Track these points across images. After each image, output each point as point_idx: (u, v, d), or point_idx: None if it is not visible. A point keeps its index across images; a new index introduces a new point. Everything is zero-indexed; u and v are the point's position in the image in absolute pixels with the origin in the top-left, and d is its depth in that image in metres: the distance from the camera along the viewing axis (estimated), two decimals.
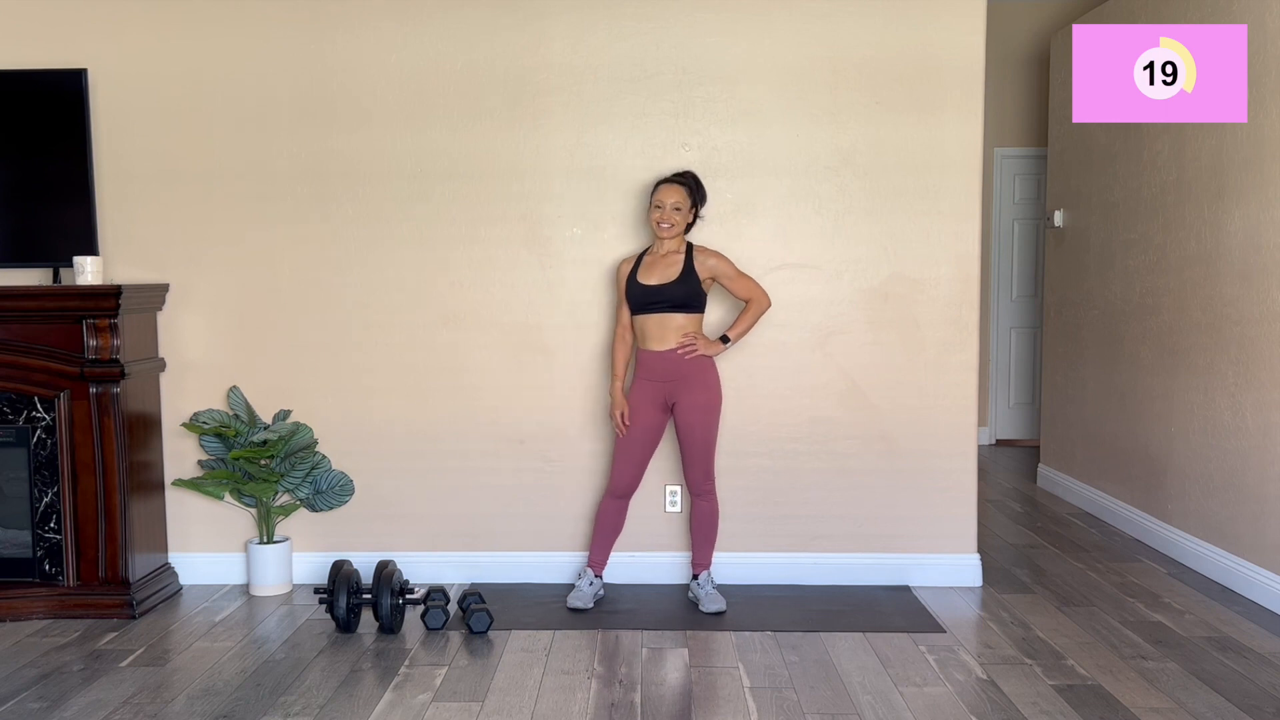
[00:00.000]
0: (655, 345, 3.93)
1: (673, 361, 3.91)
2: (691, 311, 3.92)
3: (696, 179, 3.98)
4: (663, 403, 3.95)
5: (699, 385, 3.93)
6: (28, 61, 4.17)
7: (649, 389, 3.95)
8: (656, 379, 3.93)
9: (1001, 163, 7.48)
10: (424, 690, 3.27)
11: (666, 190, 3.90)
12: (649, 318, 3.92)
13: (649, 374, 3.94)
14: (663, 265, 3.93)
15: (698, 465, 3.98)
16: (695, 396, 3.92)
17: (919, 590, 4.23)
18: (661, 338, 3.92)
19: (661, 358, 3.92)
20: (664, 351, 3.92)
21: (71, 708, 3.14)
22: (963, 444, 4.28)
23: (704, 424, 3.94)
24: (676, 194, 3.89)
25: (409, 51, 4.21)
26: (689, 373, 3.92)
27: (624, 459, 3.99)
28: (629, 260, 4.02)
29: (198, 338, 4.29)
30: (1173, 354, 4.74)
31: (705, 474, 3.99)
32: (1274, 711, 3.10)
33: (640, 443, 3.97)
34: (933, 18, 4.14)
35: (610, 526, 4.08)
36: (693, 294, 3.90)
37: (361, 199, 4.25)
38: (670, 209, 3.88)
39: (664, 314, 3.90)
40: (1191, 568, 4.54)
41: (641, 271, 3.94)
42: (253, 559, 4.20)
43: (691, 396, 3.92)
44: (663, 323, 3.91)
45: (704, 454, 3.97)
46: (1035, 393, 7.50)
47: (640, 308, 3.92)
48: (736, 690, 3.27)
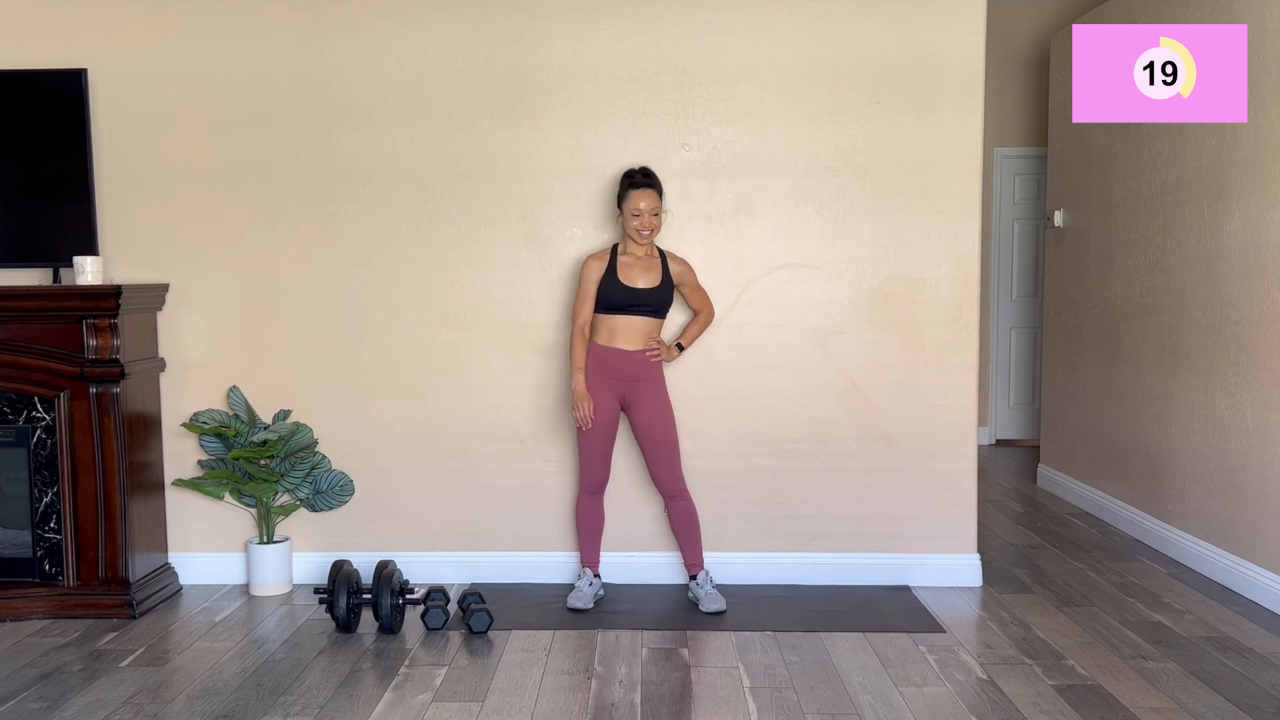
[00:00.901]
0: (624, 345, 3.95)
1: (638, 363, 3.95)
2: (662, 317, 4.00)
3: (656, 178, 3.97)
4: (618, 397, 3.99)
5: (653, 386, 3.99)
6: (28, 61, 4.17)
7: (607, 386, 3.96)
8: (618, 377, 3.95)
9: (1001, 163, 7.48)
10: (424, 690, 3.28)
11: (641, 196, 3.89)
12: (622, 318, 3.94)
13: (612, 371, 3.95)
14: (643, 268, 3.95)
15: (666, 466, 3.99)
16: (650, 398, 3.98)
17: (919, 590, 4.23)
18: (632, 339, 3.95)
19: (628, 357, 3.94)
20: (632, 352, 3.95)
21: (71, 708, 3.14)
22: (963, 444, 4.28)
23: (664, 424, 3.98)
24: (653, 199, 3.90)
25: (409, 51, 4.21)
26: (648, 375, 3.97)
27: (592, 456, 4.01)
28: (600, 256, 3.99)
29: (198, 338, 4.29)
30: (1173, 354, 4.74)
31: (676, 474, 4.01)
32: (1274, 711, 3.10)
33: (605, 437, 4.00)
34: (933, 18, 4.14)
35: (594, 524, 4.10)
36: (669, 300, 4.00)
37: (361, 199, 4.25)
38: (649, 215, 3.89)
39: (641, 316, 3.94)
40: (1191, 568, 4.54)
41: (622, 272, 3.94)
42: (253, 559, 4.20)
43: (647, 396, 3.97)
44: (636, 325, 3.94)
45: (670, 454, 3.99)
46: (1035, 393, 7.50)
47: (618, 308, 3.93)
48: (736, 690, 3.27)
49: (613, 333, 3.96)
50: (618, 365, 3.95)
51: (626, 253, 3.97)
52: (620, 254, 3.98)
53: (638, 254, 3.96)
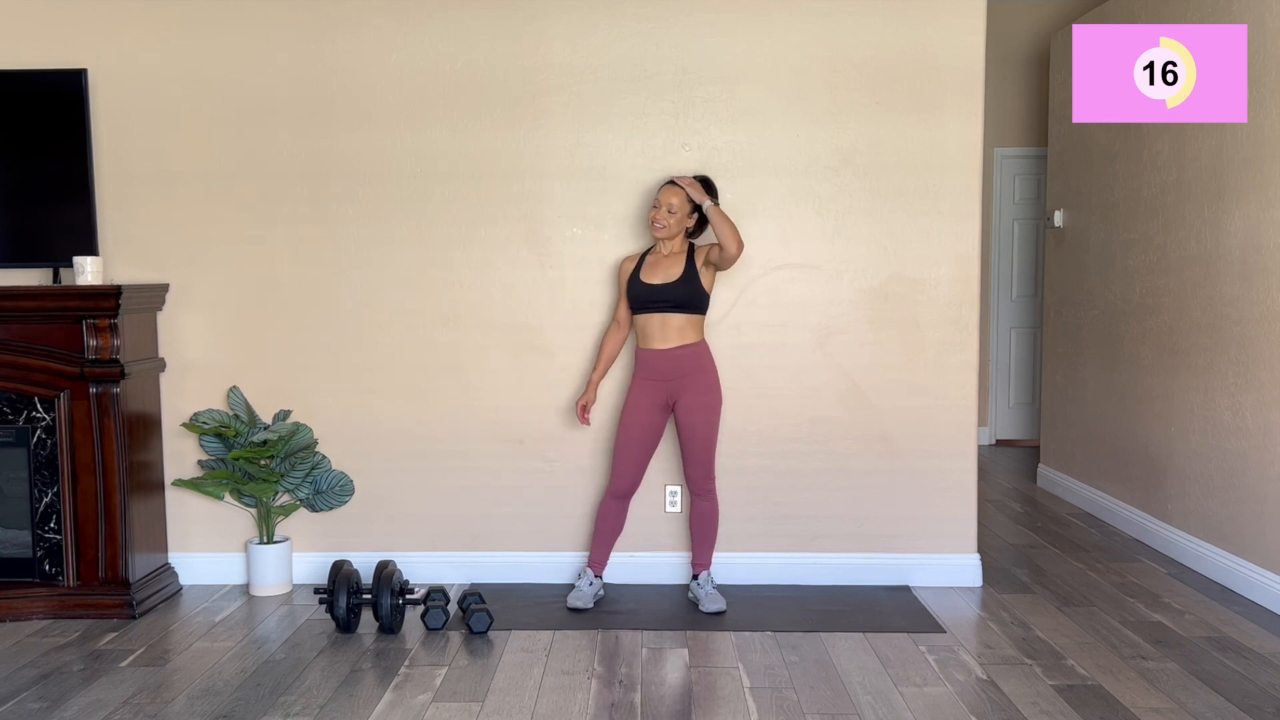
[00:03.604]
0: (657, 344, 3.93)
1: (674, 360, 3.91)
2: (692, 312, 3.93)
3: (708, 183, 3.96)
4: (663, 402, 3.95)
5: (700, 385, 3.94)
6: (28, 61, 4.17)
7: (649, 388, 3.95)
8: (658, 378, 3.93)
9: (1001, 163, 7.48)
10: (424, 690, 3.27)
11: (666, 191, 3.92)
12: (650, 317, 3.93)
13: (650, 373, 3.94)
14: (665, 265, 3.94)
15: (699, 464, 3.98)
16: (697, 396, 3.93)
17: (919, 590, 4.23)
18: (663, 337, 3.92)
19: (663, 356, 3.92)
20: (665, 350, 3.92)
21: (71, 708, 3.14)
22: (963, 444, 4.28)
23: (705, 423, 3.95)
24: (676, 196, 3.90)
25: (409, 51, 4.21)
26: (690, 370, 3.93)
27: (624, 459, 3.99)
28: (632, 258, 4.03)
29: (198, 338, 4.29)
30: (1173, 354, 4.74)
31: (706, 473, 3.99)
32: (1274, 711, 3.10)
33: (640, 444, 3.97)
34: (933, 18, 4.14)
35: (611, 527, 4.08)
36: (694, 294, 3.90)
37: (361, 199, 4.25)
38: (664, 210, 3.89)
39: (665, 314, 3.91)
40: (1191, 568, 4.54)
41: (644, 270, 3.95)
42: (253, 559, 4.20)
43: (693, 396, 3.93)
44: (664, 322, 3.91)
45: (705, 452, 3.97)
46: (1035, 393, 7.50)
47: (641, 306, 3.93)
48: (736, 690, 3.27)
49: (645, 333, 3.96)
50: (655, 366, 3.93)
51: (655, 251, 3.99)
52: (650, 254, 3.99)
53: (664, 251, 3.96)
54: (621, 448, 3.99)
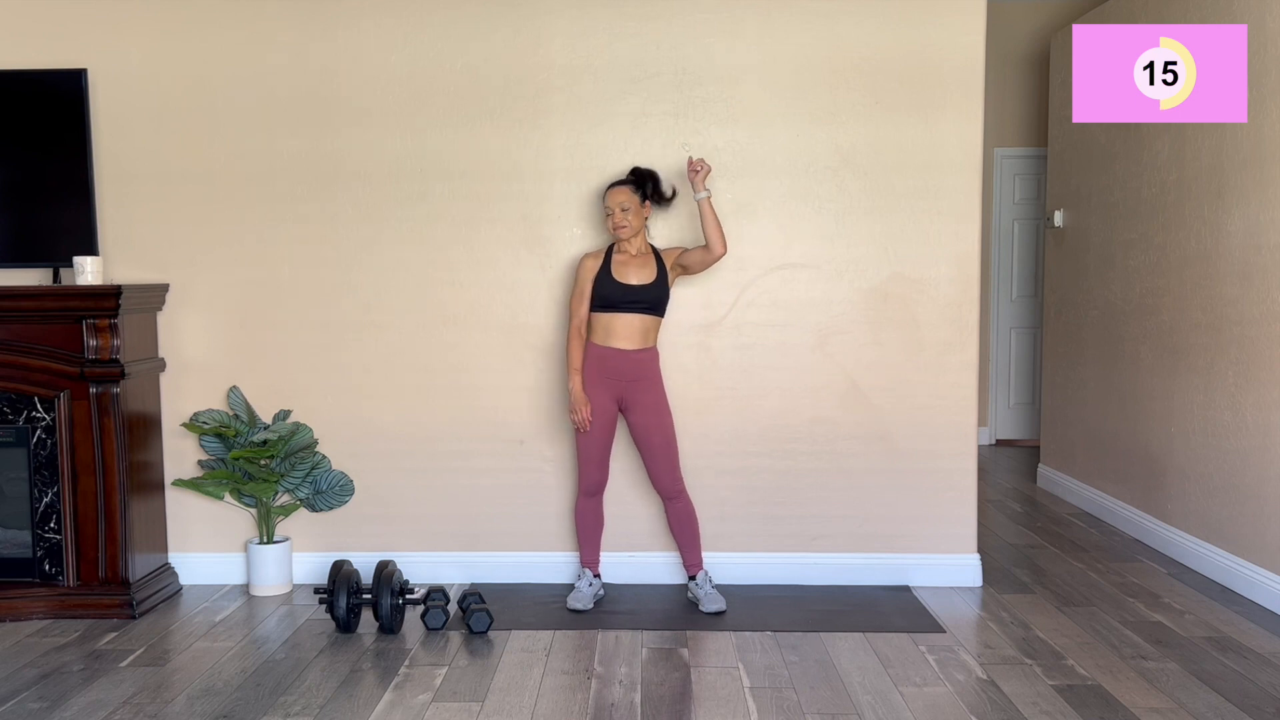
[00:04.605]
0: (621, 344, 3.93)
1: (634, 362, 3.93)
2: (660, 315, 3.98)
3: (641, 173, 3.97)
4: (616, 399, 3.97)
5: (649, 385, 3.97)
6: (28, 61, 4.17)
7: (605, 385, 3.94)
8: (615, 377, 3.94)
9: (1001, 163, 7.48)
10: (424, 690, 3.28)
11: (612, 194, 3.92)
12: (618, 316, 3.92)
13: (609, 372, 3.94)
14: (637, 266, 3.94)
15: (664, 466, 3.98)
16: (647, 396, 3.96)
17: (919, 590, 4.23)
18: (628, 337, 3.93)
19: (625, 357, 3.93)
20: (628, 351, 3.93)
21: (71, 708, 3.14)
22: (963, 444, 4.28)
23: (661, 424, 3.96)
24: (622, 195, 3.90)
25: (409, 51, 4.21)
26: (646, 374, 3.96)
27: (591, 457, 4.00)
28: (595, 255, 3.99)
29: (198, 338, 4.29)
30: (1173, 354, 4.74)
31: (675, 475, 4.00)
32: (1274, 711, 3.10)
33: (601, 441, 3.99)
34: (932, 18, 4.14)
35: (592, 525, 4.09)
36: (665, 297, 3.97)
37: (361, 199, 4.25)
38: (619, 212, 3.89)
39: (638, 314, 3.92)
40: (1191, 568, 4.54)
41: (616, 269, 3.93)
42: (253, 559, 4.20)
43: (644, 397, 3.95)
44: (633, 323, 3.92)
45: (668, 453, 3.98)
46: (1035, 393, 7.50)
47: (613, 305, 3.92)
48: (736, 690, 3.27)
49: (609, 331, 3.94)
50: (615, 365, 3.94)
51: (621, 251, 3.97)
52: (615, 252, 3.98)
53: (630, 251, 3.95)
54: (585, 447, 3.99)
